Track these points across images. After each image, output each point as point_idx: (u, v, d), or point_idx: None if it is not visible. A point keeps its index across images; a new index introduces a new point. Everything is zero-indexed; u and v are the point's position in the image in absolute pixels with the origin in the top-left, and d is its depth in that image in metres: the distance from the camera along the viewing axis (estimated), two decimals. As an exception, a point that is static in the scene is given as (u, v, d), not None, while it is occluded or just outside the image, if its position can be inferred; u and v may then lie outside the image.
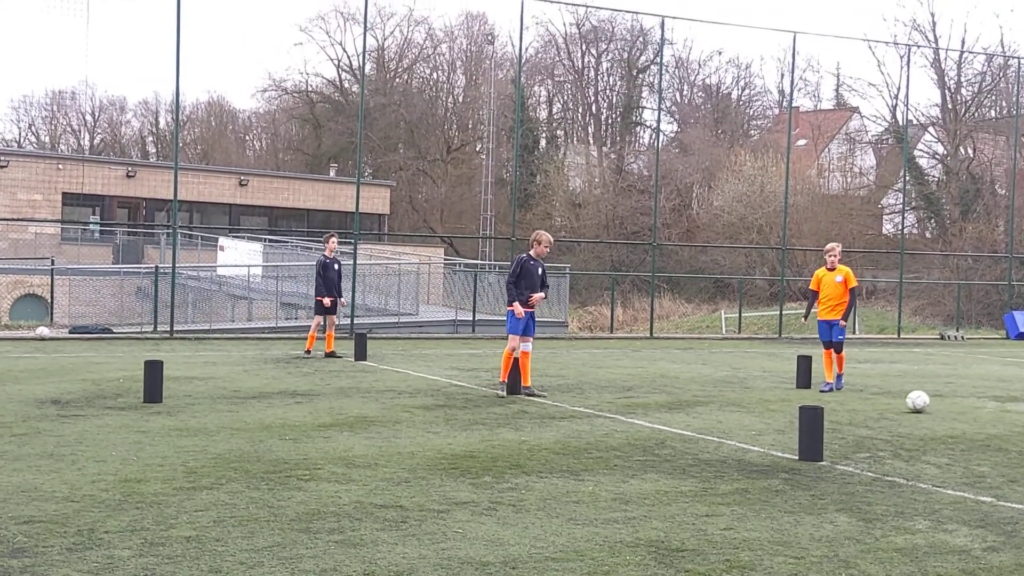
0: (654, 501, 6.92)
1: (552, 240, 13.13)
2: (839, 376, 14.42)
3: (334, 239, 17.95)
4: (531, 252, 13.00)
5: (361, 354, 17.39)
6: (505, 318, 13.76)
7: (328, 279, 17.67)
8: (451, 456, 8.37)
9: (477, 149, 63.72)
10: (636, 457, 8.59)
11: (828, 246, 14.73)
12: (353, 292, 25.20)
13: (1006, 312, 32.85)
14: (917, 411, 11.71)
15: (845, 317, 14.29)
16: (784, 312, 31.34)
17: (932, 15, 64.72)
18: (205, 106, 71.85)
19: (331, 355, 17.53)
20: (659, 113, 36.24)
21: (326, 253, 17.80)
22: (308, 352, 17.70)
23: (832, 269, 14.41)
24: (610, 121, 65.57)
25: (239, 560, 5.29)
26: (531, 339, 12.90)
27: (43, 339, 21.04)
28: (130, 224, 44.30)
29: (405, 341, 23.34)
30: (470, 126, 65.77)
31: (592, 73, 65.10)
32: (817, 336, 14.83)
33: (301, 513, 6.31)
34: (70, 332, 23.33)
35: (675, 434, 9.94)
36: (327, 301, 17.59)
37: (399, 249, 42.90)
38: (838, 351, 14.32)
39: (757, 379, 15.82)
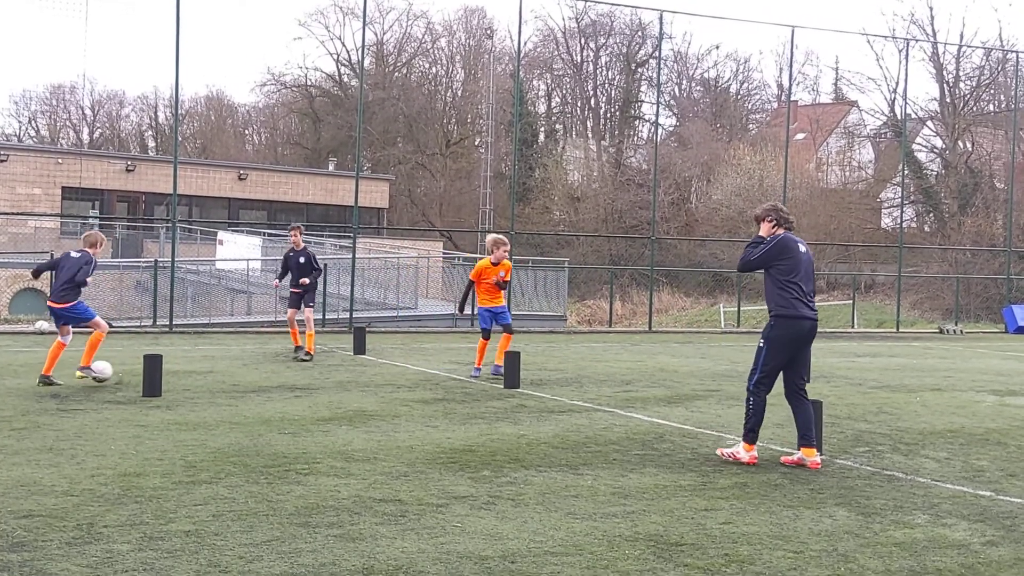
0: (653, 495, 6.92)
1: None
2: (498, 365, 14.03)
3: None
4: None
5: (360, 348, 17.39)
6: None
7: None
8: (450, 450, 8.37)
9: (476, 143, 63.68)
10: (635, 451, 8.59)
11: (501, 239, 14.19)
12: (352, 286, 25.22)
13: (1005, 306, 32.85)
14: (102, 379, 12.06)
15: None
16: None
17: (930, 9, 64.89)
18: (204, 100, 71.76)
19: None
20: (658, 107, 36.20)
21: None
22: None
23: (496, 264, 14.02)
24: (609, 115, 65.54)
25: (238, 554, 5.30)
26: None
27: (42, 333, 21.01)
28: (129, 218, 44.24)
29: (404, 335, 23.33)
30: (469, 120, 65.70)
31: (591, 67, 65.06)
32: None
33: (300, 507, 6.31)
34: (69, 326, 23.29)
35: (674, 428, 9.95)
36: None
37: (398, 243, 42.86)
38: (510, 332, 14.06)
39: (756, 373, 15.79)
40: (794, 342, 8.08)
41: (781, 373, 8.20)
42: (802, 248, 8.23)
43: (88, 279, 12.13)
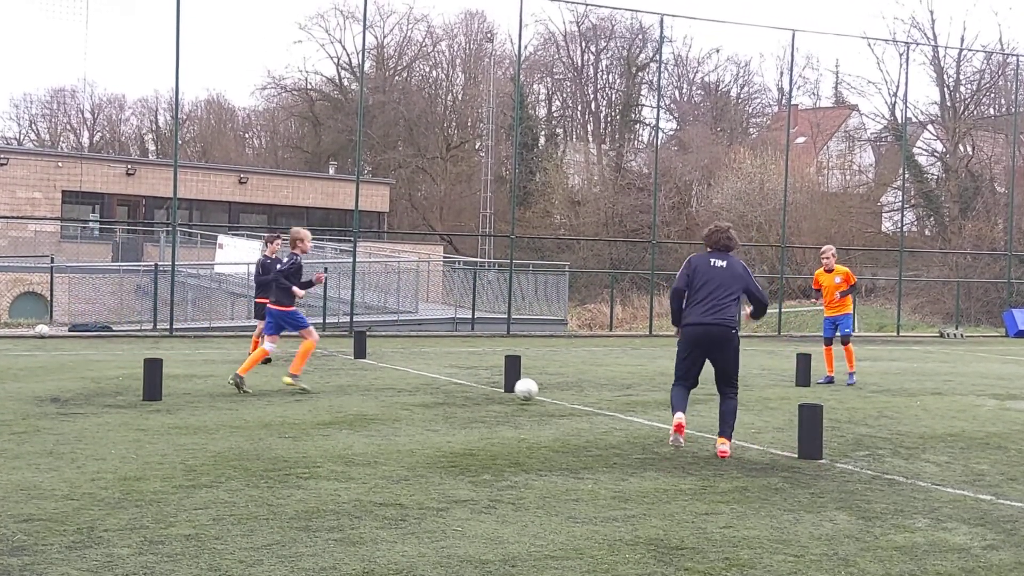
0: (653, 499, 6.92)
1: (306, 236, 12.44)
2: (851, 373, 14.90)
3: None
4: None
5: (360, 352, 17.40)
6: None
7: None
8: (450, 454, 8.37)
9: (476, 147, 63.67)
10: (635, 455, 8.59)
11: (822, 249, 15.41)
12: (353, 290, 25.23)
13: (1005, 310, 32.86)
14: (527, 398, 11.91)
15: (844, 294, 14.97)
16: (783, 310, 31.31)
17: (931, 12, 64.97)
18: (204, 104, 71.77)
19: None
20: (658, 111, 36.26)
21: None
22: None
23: (830, 271, 14.96)
24: (609, 119, 65.55)
25: (238, 558, 5.29)
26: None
27: (42, 337, 21.02)
28: (130, 222, 44.27)
29: (404, 339, 23.34)
30: (469, 124, 65.71)
31: (591, 71, 65.08)
32: (821, 334, 15.51)
33: (300, 511, 6.31)
34: (70, 330, 23.33)
35: (674, 432, 9.92)
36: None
37: (398, 247, 42.90)
38: (845, 343, 14.89)
39: (756, 377, 15.81)
40: (691, 346, 8.92)
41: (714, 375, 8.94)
42: (717, 264, 8.77)
43: (297, 281, 12.18)
